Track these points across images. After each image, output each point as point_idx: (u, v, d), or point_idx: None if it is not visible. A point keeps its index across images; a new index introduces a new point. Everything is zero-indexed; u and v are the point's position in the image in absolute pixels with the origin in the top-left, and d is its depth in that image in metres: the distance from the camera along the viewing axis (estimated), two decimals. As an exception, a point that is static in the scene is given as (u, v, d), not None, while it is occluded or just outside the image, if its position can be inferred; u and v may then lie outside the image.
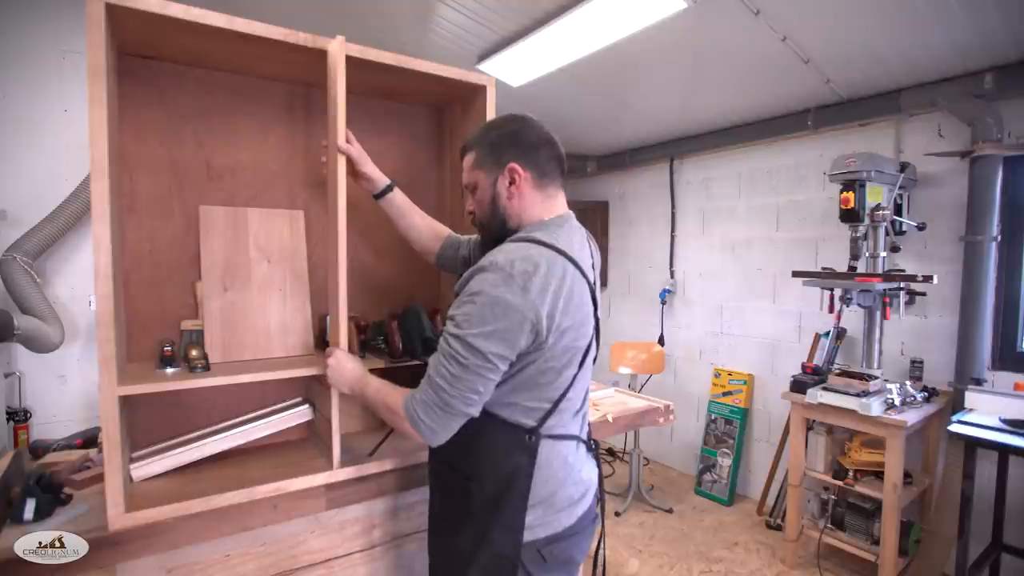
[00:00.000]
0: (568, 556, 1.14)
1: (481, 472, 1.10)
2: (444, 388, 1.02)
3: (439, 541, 1.23)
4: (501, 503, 1.08)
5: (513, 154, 1.11)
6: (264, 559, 1.31)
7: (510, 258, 1.00)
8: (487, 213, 1.15)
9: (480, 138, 1.16)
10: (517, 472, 1.08)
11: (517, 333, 0.98)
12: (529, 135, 1.13)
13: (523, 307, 0.97)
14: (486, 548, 1.09)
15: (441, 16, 2.73)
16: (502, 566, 1.08)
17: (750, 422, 3.65)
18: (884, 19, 2.28)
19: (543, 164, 1.12)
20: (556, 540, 1.11)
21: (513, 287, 0.97)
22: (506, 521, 1.08)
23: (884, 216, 2.57)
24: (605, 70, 3.08)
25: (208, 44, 1.27)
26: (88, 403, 2.99)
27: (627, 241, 4.54)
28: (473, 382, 1.00)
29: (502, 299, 0.97)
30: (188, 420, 1.42)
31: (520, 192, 1.12)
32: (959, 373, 2.61)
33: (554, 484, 1.10)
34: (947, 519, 2.47)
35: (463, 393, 1.01)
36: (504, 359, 1.00)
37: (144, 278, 1.40)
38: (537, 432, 1.08)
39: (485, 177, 1.14)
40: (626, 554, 2.97)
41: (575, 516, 1.14)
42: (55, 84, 2.86)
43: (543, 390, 1.07)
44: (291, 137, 1.57)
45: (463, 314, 1.01)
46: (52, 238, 2.74)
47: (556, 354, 1.04)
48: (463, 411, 1.03)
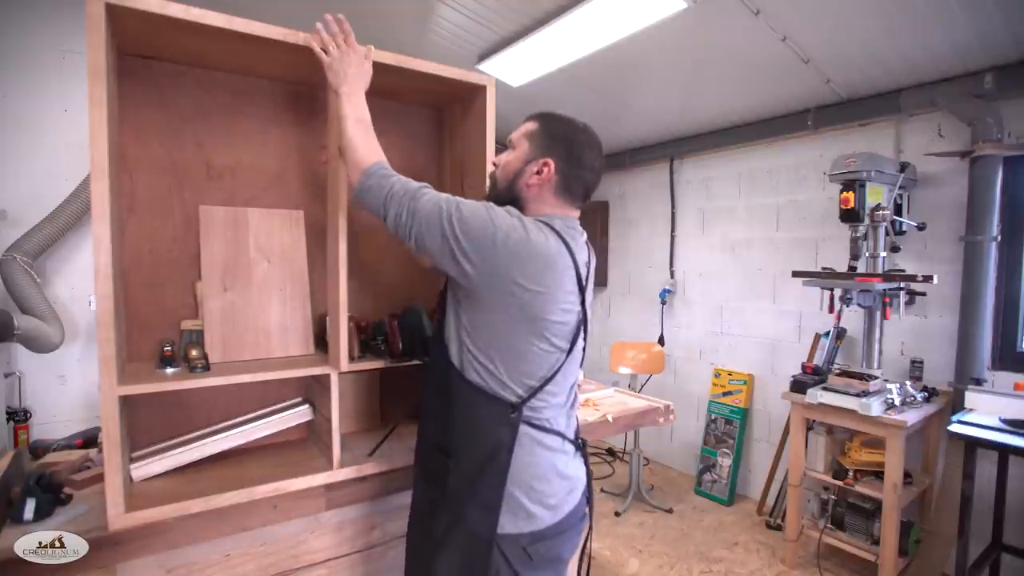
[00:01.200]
0: (555, 554, 1.14)
1: (462, 447, 1.10)
2: (410, 189, 1.10)
3: (414, 532, 1.23)
4: (477, 481, 1.07)
5: (558, 155, 1.14)
6: (264, 559, 1.31)
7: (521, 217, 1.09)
8: (506, 179, 1.19)
9: (547, 121, 1.19)
10: (498, 448, 1.07)
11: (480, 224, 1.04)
12: (581, 153, 1.17)
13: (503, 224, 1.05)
14: (460, 528, 1.08)
15: (441, 16, 2.73)
16: (476, 547, 1.06)
17: (750, 422, 3.65)
18: (884, 19, 2.28)
19: (572, 180, 1.16)
20: (542, 538, 1.10)
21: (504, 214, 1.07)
22: (482, 499, 1.07)
23: (884, 216, 2.57)
24: (605, 70, 3.08)
25: (208, 44, 1.27)
26: (88, 403, 2.99)
27: (627, 241, 4.53)
28: (420, 199, 1.08)
29: (503, 220, 1.05)
30: (188, 420, 1.42)
31: (540, 185, 1.15)
32: (959, 373, 2.61)
33: (536, 472, 1.10)
34: (947, 519, 2.47)
35: (405, 198, 1.09)
36: (454, 210, 1.05)
37: (144, 278, 1.40)
38: (520, 409, 1.08)
39: (528, 150, 1.17)
40: (626, 554, 2.97)
41: (562, 513, 1.13)
42: (55, 84, 2.87)
43: (526, 364, 1.09)
44: (291, 137, 1.57)
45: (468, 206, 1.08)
46: (52, 238, 2.74)
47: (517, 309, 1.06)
48: (388, 210, 1.10)
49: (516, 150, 1.18)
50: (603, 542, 3.09)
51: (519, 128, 1.21)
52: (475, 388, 1.09)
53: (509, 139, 1.22)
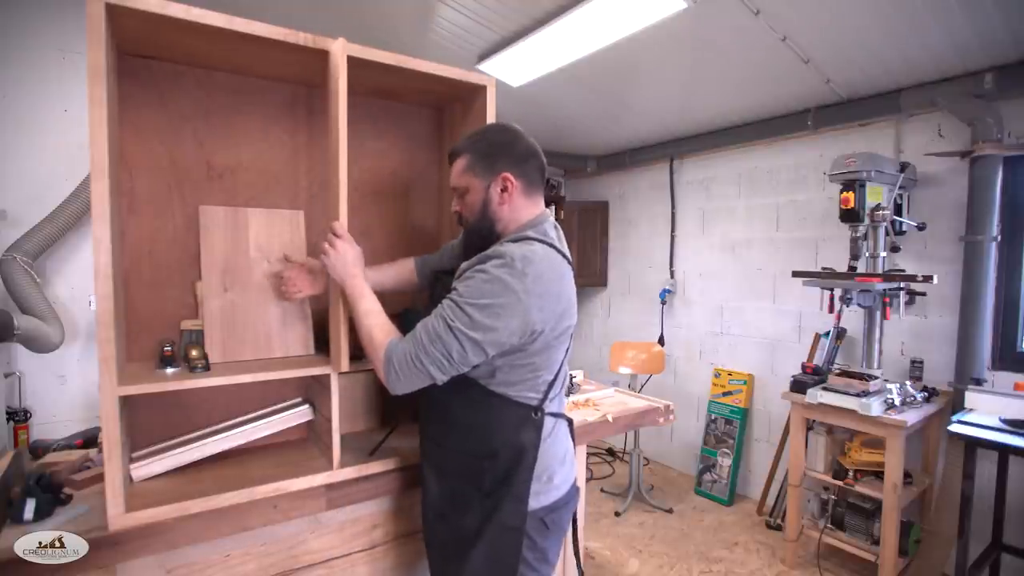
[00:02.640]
0: (563, 523, 1.26)
1: (496, 450, 1.17)
2: (424, 344, 1.09)
3: (442, 527, 1.26)
4: (512, 477, 1.16)
5: (506, 163, 1.19)
6: (264, 559, 1.31)
7: (512, 251, 1.09)
8: (477, 215, 1.22)
9: (472, 145, 1.23)
10: (527, 447, 1.17)
11: (510, 310, 1.06)
12: (520, 147, 1.21)
13: (519, 289, 1.06)
14: (496, 521, 1.16)
15: (441, 16, 2.73)
16: (509, 537, 1.17)
17: (750, 422, 3.65)
18: (884, 19, 2.28)
19: (531, 174, 1.21)
20: (555, 509, 1.22)
21: (515, 272, 1.06)
22: (516, 493, 1.16)
23: (884, 216, 2.57)
24: (605, 70, 3.08)
25: (208, 44, 1.27)
26: (88, 403, 2.98)
27: (627, 241, 4.53)
28: (450, 345, 1.07)
29: (503, 280, 1.06)
30: (188, 420, 1.42)
31: (511, 198, 1.20)
32: (959, 373, 2.61)
33: (552, 457, 1.21)
34: (947, 519, 2.47)
35: (438, 354, 1.08)
36: (483, 333, 1.06)
37: (144, 278, 1.40)
38: (541, 409, 1.18)
39: (478, 182, 1.20)
40: (626, 554, 2.97)
41: (567, 486, 1.26)
42: (55, 84, 2.86)
43: (543, 370, 1.18)
44: (291, 137, 1.57)
45: (466, 286, 1.09)
46: (52, 238, 2.74)
47: (553, 338, 1.15)
48: (430, 372, 1.09)
49: (470, 188, 1.21)
50: (603, 542, 3.09)
51: (454, 174, 1.24)
52: (500, 397, 1.17)
53: (453, 187, 1.25)
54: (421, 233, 1.81)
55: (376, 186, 1.72)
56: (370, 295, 1.23)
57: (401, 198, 1.77)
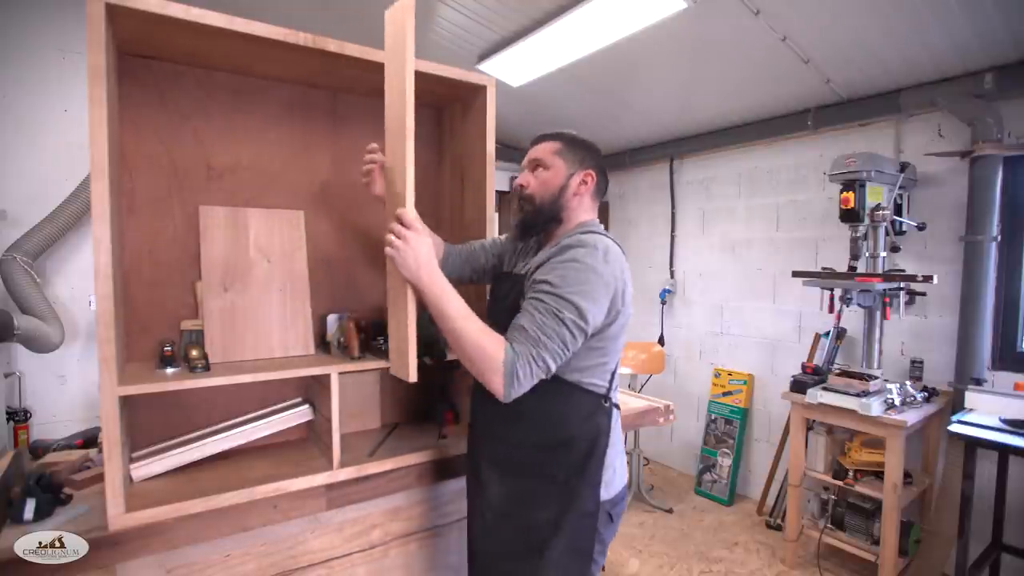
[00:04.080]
0: (621, 512, 1.29)
1: (571, 438, 1.19)
2: (542, 340, 1.07)
3: (507, 527, 1.23)
4: (588, 465, 1.18)
5: (592, 164, 1.31)
6: (264, 559, 1.31)
7: (596, 241, 1.15)
8: (550, 196, 1.27)
9: (566, 136, 1.31)
10: (599, 433, 1.20)
11: (603, 297, 1.11)
12: (601, 160, 1.35)
13: (607, 275, 1.12)
14: (575, 510, 1.17)
15: (441, 16, 2.73)
16: (586, 524, 1.19)
17: (750, 422, 3.65)
18: (884, 19, 2.28)
19: (602, 184, 1.34)
20: (618, 500, 1.26)
21: (598, 258, 1.12)
22: (591, 480, 1.19)
23: (884, 216, 2.57)
24: (605, 70, 3.08)
25: (208, 44, 1.27)
26: (88, 403, 2.99)
27: (627, 241, 4.53)
28: (564, 335, 1.08)
29: (595, 267, 1.11)
30: (188, 420, 1.42)
31: (584, 194, 1.29)
32: (959, 373, 2.61)
33: (617, 446, 1.27)
34: (947, 519, 2.47)
35: (556, 347, 1.08)
36: (593, 318, 1.10)
37: (144, 278, 1.40)
38: (608, 397, 1.23)
39: (564, 167, 1.27)
40: (626, 554, 2.97)
41: (626, 477, 1.31)
42: (55, 84, 2.87)
43: (608, 358, 1.21)
44: (291, 137, 1.57)
45: (558, 276, 1.11)
46: (52, 238, 2.74)
47: (622, 324, 1.20)
48: (549, 367, 1.09)
49: (553, 167, 1.27)
50: (603, 542, 3.09)
51: (540, 148, 1.30)
52: (572, 385, 1.18)
53: (532, 159, 1.30)
54: (421, 233, 1.80)
55: (376, 186, 1.72)
56: (455, 294, 1.12)
57: (401, 198, 1.76)
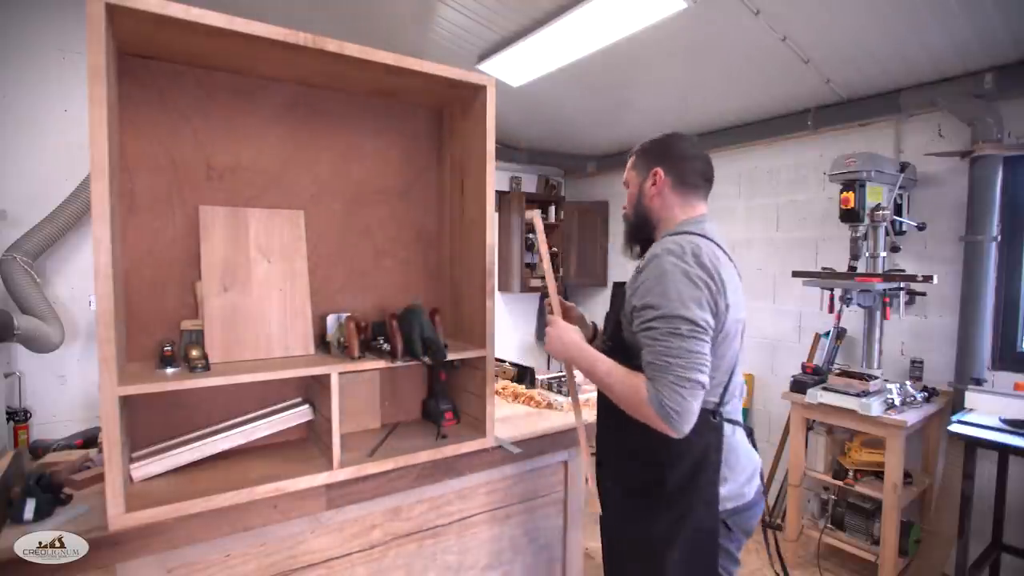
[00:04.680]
0: (746, 526, 1.27)
1: (675, 456, 1.17)
2: (674, 364, 1.06)
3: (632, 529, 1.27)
4: (698, 480, 1.18)
5: (658, 161, 1.29)
6: (264, 559, 1.31)
7: (676, 243, 1.14)
8: (632, 208, 1.35)
9: (640, 147, 1.35)
10: (708, 450, 1.18)
11: (702, 296, 1.09)
12: (677, 148, 1.30)
13: (702, 275, 1.10)
14: (688, 526, 1.18)
15: (441, 16, 2.74)
16: (703, 539, 1.19)
17: (750, 422, 3.65)
18: (884, 19, 2.28)
19: (686, 174, 1.28)
20: (738, 512, 1.23)
21: (688, 261, 1.11)
22: (705, 496, 1.18)
23: (884, 216, 2.57)
24: (605, 70, 3.08)
25: (208, 44, 1.27)
26: (88, 403, 2.99)
27: (627, 241, 4.53)
28: (695, 346, 1.07)
29: (684, 270, 1.10)
30: (188, 420, 1.42)
31: (660, 192, 1.28)
32: (959, 373, 2.61)
33: (735, 462, 1.23)
34: (947, 519, 2.47)
35: (692, 361, 1.06)
36: (706, 319, 1.09)
37: (144, 278, 1.40)
38: (719, 412, 1.20)
39: (636, 177, 1.33)
40: (626, 554, 2.97)
41: (752, 492, 1.27)
42: (55, 84, 2.87)
43: (717, 370, 1.15)
44: (291, 137, 1.57)
45: (656, 295, 1.10)
46: (52, 238, 2.74)
47: (730, 326, 1.16)
48: (698, 380, 1.07)
49: (630, 183, 1.35)
50: (603, 542, 3.09)
51: (625, 171, 1.38)
52: None
53: (623, 182, 1.40)
54: (421, 232, 1.81)
55: (376, 186, 1.72)
56: (600, 357, 1.21)
57: (401, 198, 1.77)
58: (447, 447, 1.51)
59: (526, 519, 1.79)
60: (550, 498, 1.85)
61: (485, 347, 1.56)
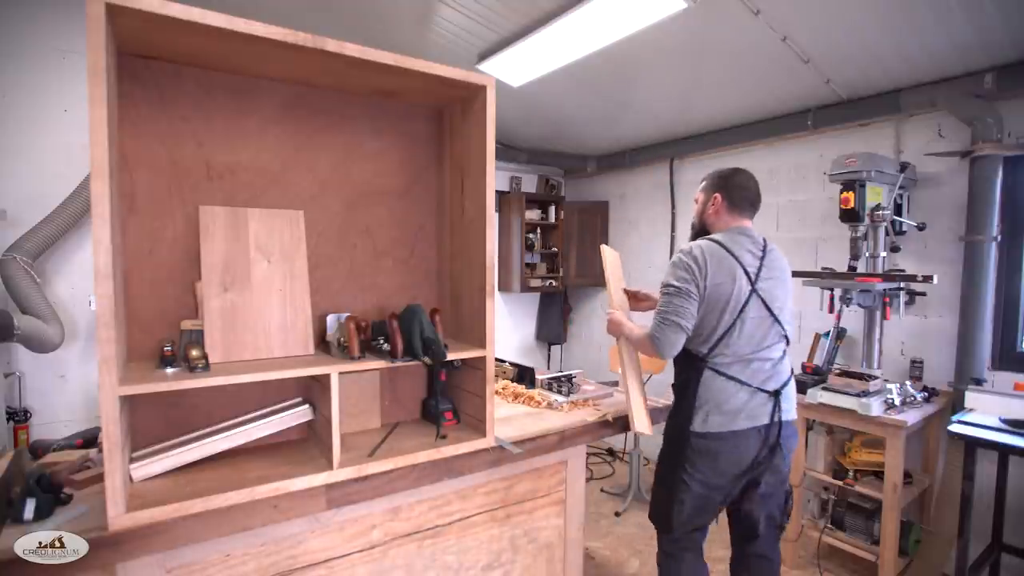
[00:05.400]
0: (713, 451, 1.69)
1: (678, 384, 1.81)
2: (662, 311, 1.70)
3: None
4: (682, 403, 1.76)
5: (718, 188, 1.86)
6: (264, 559, 1.32)
7: (690, 245, 1.75)
8: (697, 218, 1.94)
9: (709, 175, 1.93)
10: (688, 382, 1.74)
11: (686, 272, 1.68)
12: (734, 181, 1.86)
13: (689, 262, 1.69)
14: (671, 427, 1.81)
15: (441, 16, 2.74)
16: (676, 440, 1.77)
17: (750, 422, 3.64)
18: (884, 19, 2.28)
19: (736, 200, 1.85)
20: (705, 437, 1.69)
21: (686, 254, 1.72)
22: (684, 413, 1.73)
23: (884, 216, 2.57)
24: (605, 70, 3.08)
25: (208, 44, 1.27)
26: (88, 403, 2.99)
27: (627, 241, 4.53)
28: (676, 300, 1.67)
29: (680, 259, 1.72)
30: (188, 420, 1.42)
31: (716, 211, 1.86)
32: (959, 373, 2.61)
33: (717, 398, 1.69)
34: (947, 519, 2.47)
35: (674, 309, 1.67)
36: (689, 284, 1.67)
37: (144, 278, 1.40)
38: (705, 360, 1.71)
39: (703, 197, 1.91)
40: (626, 554, 2.97)
41: (725, 428, 1.68)
42: (55, 84, 2.87)
43: (709, 329, 1.70)
44: (291, 137, 1.57)
45: (665, 276, 1.74)
46: (52, 238, 2.74)
47: (711, 298, 1.68)
48: (676, 322, 1.66)
49: (697, 201, 1.93)
50: (603, 542, 3.09)
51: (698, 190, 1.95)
52: (686, 351, 1.75)
53: (695, 200, 1.97)
54: (421, 232, 1.81)
55: (376, 186, 1.72)
56: (634, 326, 1.89)
57: (401, 197, 1.77)
58: (447, 447, 1.51)
59: (526, 519, 1.79)
60: (550, 498, 1.85)
61: (485, 347, 1.56)
